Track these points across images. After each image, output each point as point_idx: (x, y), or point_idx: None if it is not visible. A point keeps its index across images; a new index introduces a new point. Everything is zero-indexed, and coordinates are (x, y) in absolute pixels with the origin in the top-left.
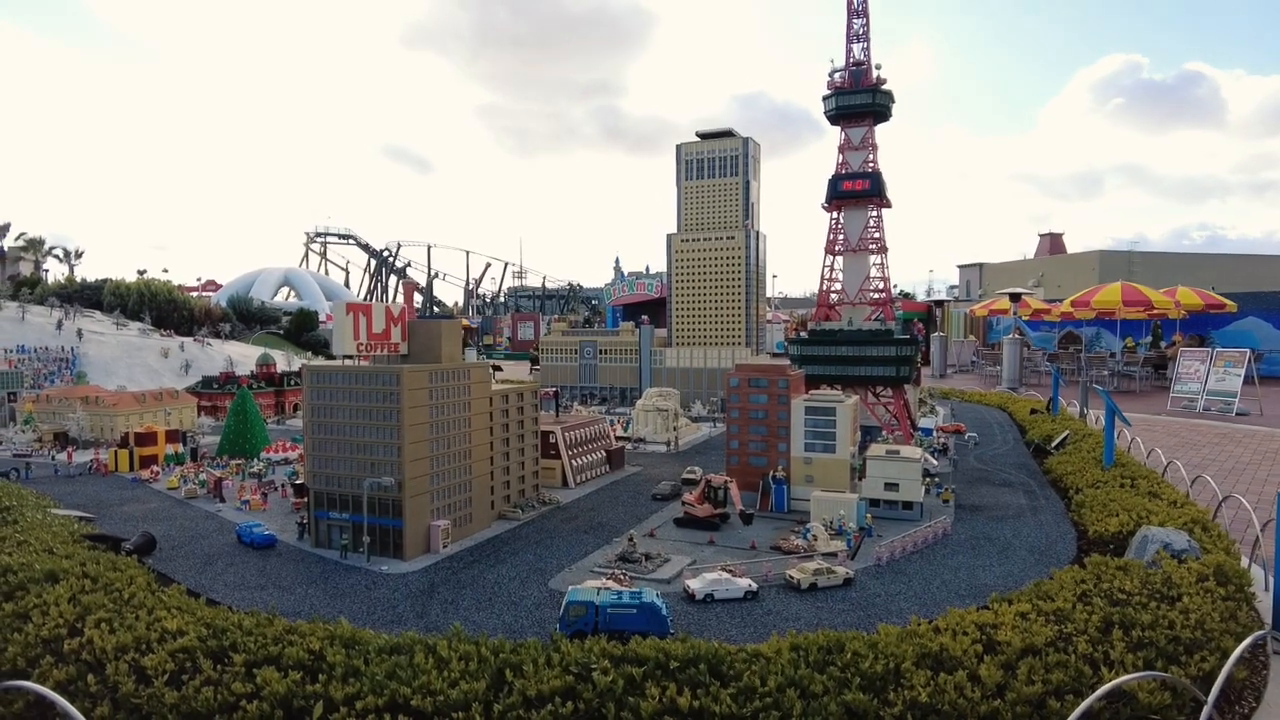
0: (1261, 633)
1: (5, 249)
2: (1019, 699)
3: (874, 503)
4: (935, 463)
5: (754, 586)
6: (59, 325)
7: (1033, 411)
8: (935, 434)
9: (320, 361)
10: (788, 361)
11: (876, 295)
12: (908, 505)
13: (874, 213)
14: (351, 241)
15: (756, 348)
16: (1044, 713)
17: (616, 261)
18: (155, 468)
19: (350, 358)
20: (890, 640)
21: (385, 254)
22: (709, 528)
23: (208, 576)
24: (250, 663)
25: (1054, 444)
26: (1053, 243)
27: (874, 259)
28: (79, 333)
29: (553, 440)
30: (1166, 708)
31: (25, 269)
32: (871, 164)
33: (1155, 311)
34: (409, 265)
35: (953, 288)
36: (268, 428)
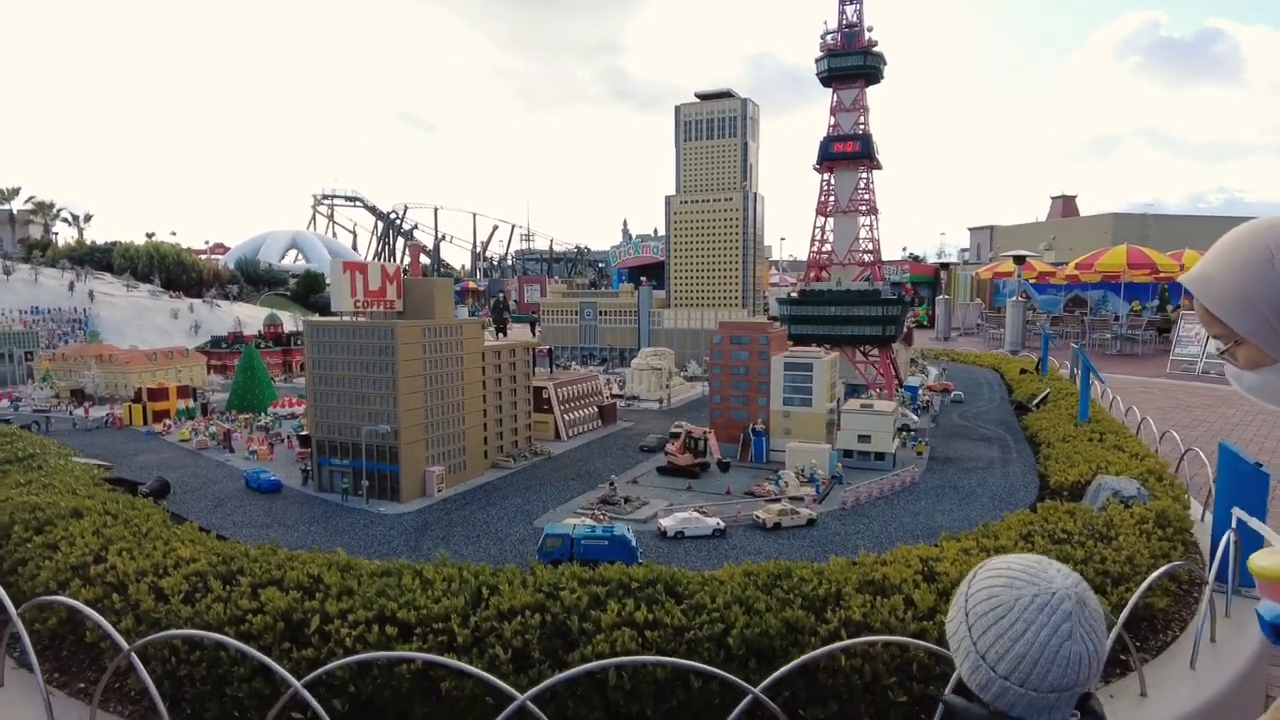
0: (1177, 564)
1: (15, 212)
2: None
3: (848, 453)
4: (916, 419)
5: (721, 525)
6: (71, 287)
7: (1022, 372)
8: (921, 392)
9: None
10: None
11: (866, 257)
12: (879, 456)
13: (864, 174)
14: (359, 204)
15: (754, 309)
16: None
17: (624, 224)
18: (168, 421)
19: (347, 314)
20: (836, 569)
21: (392, 216)
22: (689, 475)
23: (218, 516)
24: (255, 584)
25: (1035, 402)
26: (1065, 205)
27: (864, 220)
28: (90, 294)
29: (545, 395)
30: None
31: (35, 232)
32: (862, 126)
33: (1162, 275)
34: (416, 228)
35: (963, 250)
36: (275, 385)
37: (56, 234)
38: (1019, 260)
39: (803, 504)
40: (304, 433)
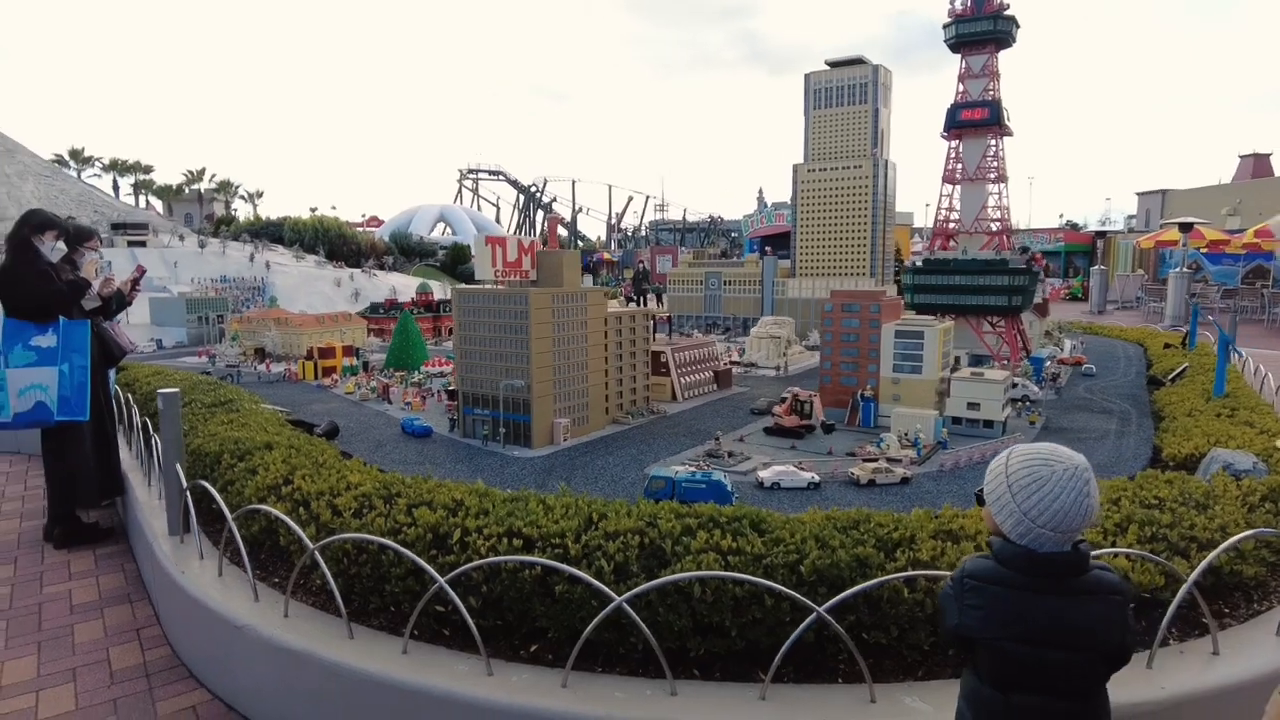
0: (1266, 530)
1: (202, 191)
2: None
3: (956, 420)
4: (1037, 390)
5: (816, 479)
6: (251, 258)
7: (1166, 346)
8: (1048, 364)
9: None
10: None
11: (995, 225)
12: (988, 424)
13: (993, 142)
14: (501, 178)
15: (882, 278)
16: None
17: (760, 192)
18: (334, 376)
19: (488, 282)
20: (915, 519)
21: (532, 189)
22: (794, 436)
23: (378, 455)
24: (410, 504)
25: (1170, 376)
26: (1256, 165)
27: (992, 188)
28: (267, 264)
29: (663, 359)
30: (1159, 589)
31: (218, 209)
32: (992, 92)
33: None
34: (555, 200)
35: (1130, 217)
36: (427, 348)
37: (235, 210)
38: (1185, 228)
39: (900, 464)
40: (451, 388)
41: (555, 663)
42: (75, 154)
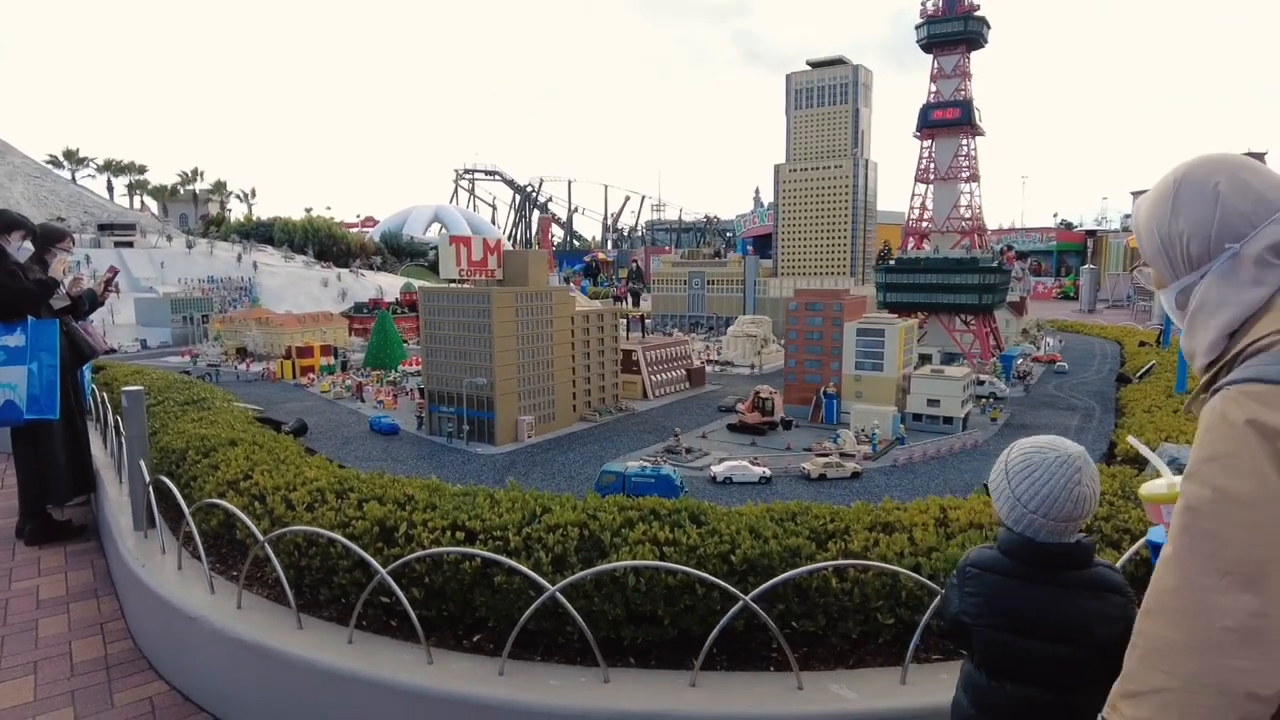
0: None
1: (197, 192)
2: (943, 557)
3: (917, 417)
4: (1004, 387)
5: (768, 473)
6: (239, 259)
7: (1141, 344)
8: (1019, 361)
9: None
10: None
11: (966, 224)
12: (947, 420)
13: (965, 141)
14: (497, 178)
15: (863, 277)
16: None
17: (756, 192)
18: (311, 375)
19: (454, 281)
20: (853, 511)
21: (528, 189)
22: (756, 433)
23: (343, 452)
24: (361, 499)
25: (1139, 374)
26: None
27: (964, 187)
28: (254, 265)
29: (634, 358)
30: None
31: (213, 209)
32: (963, 92)
33: None
34: (551, 200)
35: (1126, 216)
36: (408, 346)
37: (230, 210)
38: None
39: (852, 459)
40: (423, 385)
41: (496, 652)
42: (70, 155)
